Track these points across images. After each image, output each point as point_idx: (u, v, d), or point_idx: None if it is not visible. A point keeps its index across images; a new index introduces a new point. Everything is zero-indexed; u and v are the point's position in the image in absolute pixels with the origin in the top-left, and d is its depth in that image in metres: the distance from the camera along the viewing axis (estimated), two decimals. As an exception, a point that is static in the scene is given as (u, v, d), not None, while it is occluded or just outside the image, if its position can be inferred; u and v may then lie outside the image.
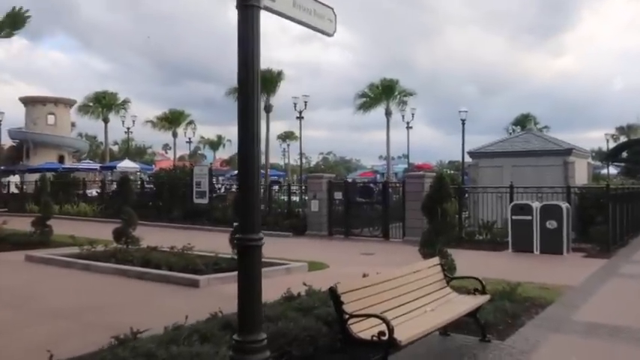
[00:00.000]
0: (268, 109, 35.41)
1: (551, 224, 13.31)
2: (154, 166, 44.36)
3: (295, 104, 36.69)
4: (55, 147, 58.02)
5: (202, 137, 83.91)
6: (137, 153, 77.07)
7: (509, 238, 13.92)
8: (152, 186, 24.31)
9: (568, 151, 18.65)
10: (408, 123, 42.29)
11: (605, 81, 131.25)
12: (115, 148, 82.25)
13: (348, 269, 11.02)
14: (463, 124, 29.00)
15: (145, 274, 9.25)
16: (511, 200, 14.85)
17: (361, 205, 17.71)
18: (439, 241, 8.10)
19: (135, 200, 24.32)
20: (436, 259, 6.56)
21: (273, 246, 16.08)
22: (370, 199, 17.56)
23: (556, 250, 13.18)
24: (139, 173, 32.69)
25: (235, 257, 9.36)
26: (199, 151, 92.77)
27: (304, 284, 7.32)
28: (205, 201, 20.65)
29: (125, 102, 46.14)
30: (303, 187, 20.02)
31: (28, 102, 59.75)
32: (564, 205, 13.58)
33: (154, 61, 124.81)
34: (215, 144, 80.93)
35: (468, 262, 12.82)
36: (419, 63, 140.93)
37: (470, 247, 14.65)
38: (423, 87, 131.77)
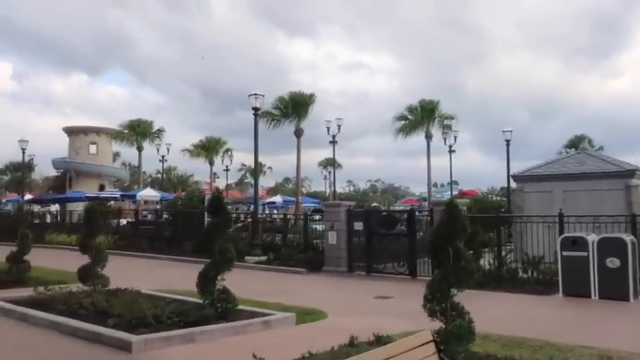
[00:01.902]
0: (299, 132, 33.65)
1: (613, 262, 10.66)
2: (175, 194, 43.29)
3: (328, 128, 34.81)
4: (96, 176, 58.29)
5: (244, 165, 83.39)
6: (179, 182, 76.89)
7: (560, 279, 11.31)
8: (168, 216, 22.79)
9: (631, 173, 15.85)
10: (450, 146, 39.56)
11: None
12: (158, 177, 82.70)
13: (349, 321, 8.84)
14: (508, 145, 26.25)
15: (77, 330, 7.32)
16: (561, 232, 12.26)
17: (385, 236, 15.40)
18: (450, 294, 5.85)
19: (152, 230, 23.23)
20: (427, 334, 4.31)
21: (276, 285, 14.07)
22: (394, 230, 15.23)
23: (620, 294, 10.52)
24: (157, 203, 31.42)
25: (205, 303, 7.31)
26: (245, 180, 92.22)
27: (254, 357, 5.26)
28: (217, 232, 18.77)
29: (160, 130, 45.50)
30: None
31: (71, 132, 60.56)
32: (629, 238, 10.92)
33: (205, 92, 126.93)
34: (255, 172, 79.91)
35: (505, 310, 10.17)
36: (468, 88, 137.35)
37: (511, 288, 12.14)
38: (472, 112, 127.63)
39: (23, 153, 30.63)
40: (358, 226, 15.78)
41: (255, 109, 17.65)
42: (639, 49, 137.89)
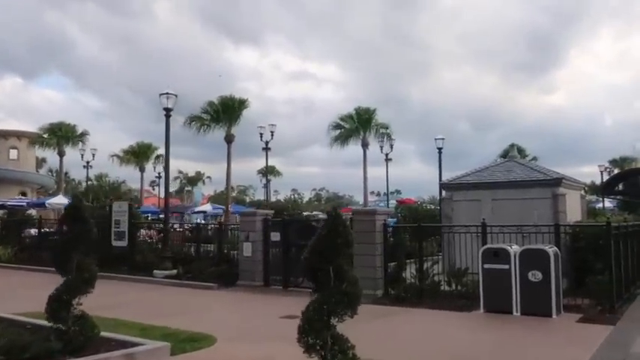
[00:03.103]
0: (229, 138, 32.13)
1: (535, 275, 9.92)
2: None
3: (262, 134, 33.52)
4: (17, 183, 54.57)
5: (180, 172, 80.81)
6: (111, 189, 73.30)
7: (481, 294, 10.48)
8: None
9: (557, 181, 15.40)
10: (387, 155, 39.07)
11: (596, 116, 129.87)
12: (89, 183, 78.64)
13: (238, 349, 7.64)
14: (440, 152, 25.75)
15: None
16: (484, 242, 11.48)
17: (304, 247, 14.24)
18: (330, 324, 4.74)
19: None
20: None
21: (178, 303, 12.24)
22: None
23: (542, 310, 9.77)
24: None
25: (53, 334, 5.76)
26: (186, 188, 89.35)
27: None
28: (124, 244, 17.15)
29: (83, 134, 42.84)
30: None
31: (-10, 135, 56.63)
32: (551, 250, 10.22)
33: (148, 99, 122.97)
34: (194, 180, 77.61)
35: (417, 331, 9.13)
36: (413, 99, 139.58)
37: (432, 304, 11.25)
38: (417, 123, 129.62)
39: None
40: (275, 236, 14.59)
41: (167, 109, 16.20)
42: (574, 67, 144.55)
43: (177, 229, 19.79)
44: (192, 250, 16.94)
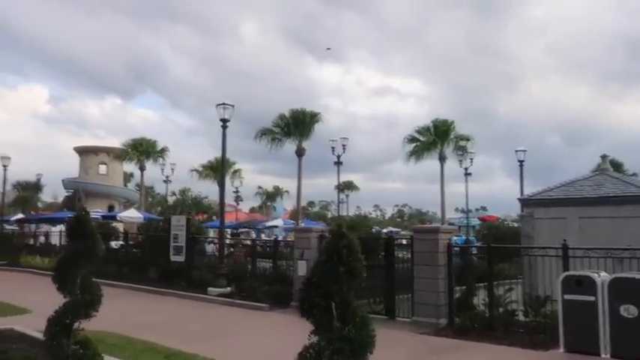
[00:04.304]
0: (300, 152, 31.54)
1: (629, 311, 8.19)
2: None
3: (333, 148, 32.66)
4: (105, 196, 57.32)
5: (260, 188, 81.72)
6: (194, 204, 75.35)
7: (560, 330, 8.84)
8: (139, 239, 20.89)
9: (657, 197, 13.30)
10: (466, 169, 36.94)
11: None
12: (173, 198, 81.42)
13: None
14: (521, 165, 23.68)
15: None
16: (565, 268, 9.80)
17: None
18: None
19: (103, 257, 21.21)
20: None
21: (222, 325, 11.23)
22: (368, 261, 12.90)
23: (638, 353, 8.02)
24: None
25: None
26: (268, 203, 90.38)
27: None
28: (182, 258, 16.74)
29: (164, 150, 44.03)
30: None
31: (82, 152, 59.93)
32: (650, 280, 8.43)
33: (234, 116, 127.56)
34: (273, 195, 78.19)
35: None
36: (499, 113, 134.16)
37: (502, 338, 9.69)
38: (503, 137, 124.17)
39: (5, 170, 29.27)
40: (331, 255, 13.51)
41: (223, 120, 15.69)
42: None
43: (240, 244, 19.23)
44: (248, 267, 16.22)
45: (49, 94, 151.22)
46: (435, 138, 37.40)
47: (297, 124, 31.65)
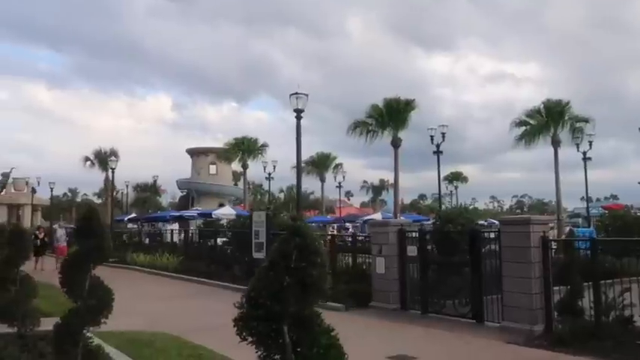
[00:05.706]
0: (396, 142, 30.10)
1: None
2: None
3: (432, 137, 30.86)
4: (215, 195, 59.57)
5: (365, 182, 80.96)
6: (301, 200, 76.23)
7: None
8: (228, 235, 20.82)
9: None
10: (584, 153, 33.37)
11: None
12: (282, 195, 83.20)
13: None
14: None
15: None
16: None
17: (444, 265, 11.71)
18: None
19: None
20: None
21: None
22: (453, 257, 11.47)
23: None
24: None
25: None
26: (379, 197, 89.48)
27: None
28: (262, 255, 16.23)
29: (263, 146, 44.61)
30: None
31: (194, 153, 62.76)
32: None
33: (345, 113, 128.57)
34: (378, 189, 77.08)
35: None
36: (630, 92, 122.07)
37: (611, 351, 7.94)
38: (636, 119, 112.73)
39: (113, 172, 30.88)
40: (412, 251, 12.26)
41: (297, 110, 14.94)
42: None
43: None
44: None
45: (173, 101, 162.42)
46: (548, 120, 34.17)
47: (391, 114, 30.26)
